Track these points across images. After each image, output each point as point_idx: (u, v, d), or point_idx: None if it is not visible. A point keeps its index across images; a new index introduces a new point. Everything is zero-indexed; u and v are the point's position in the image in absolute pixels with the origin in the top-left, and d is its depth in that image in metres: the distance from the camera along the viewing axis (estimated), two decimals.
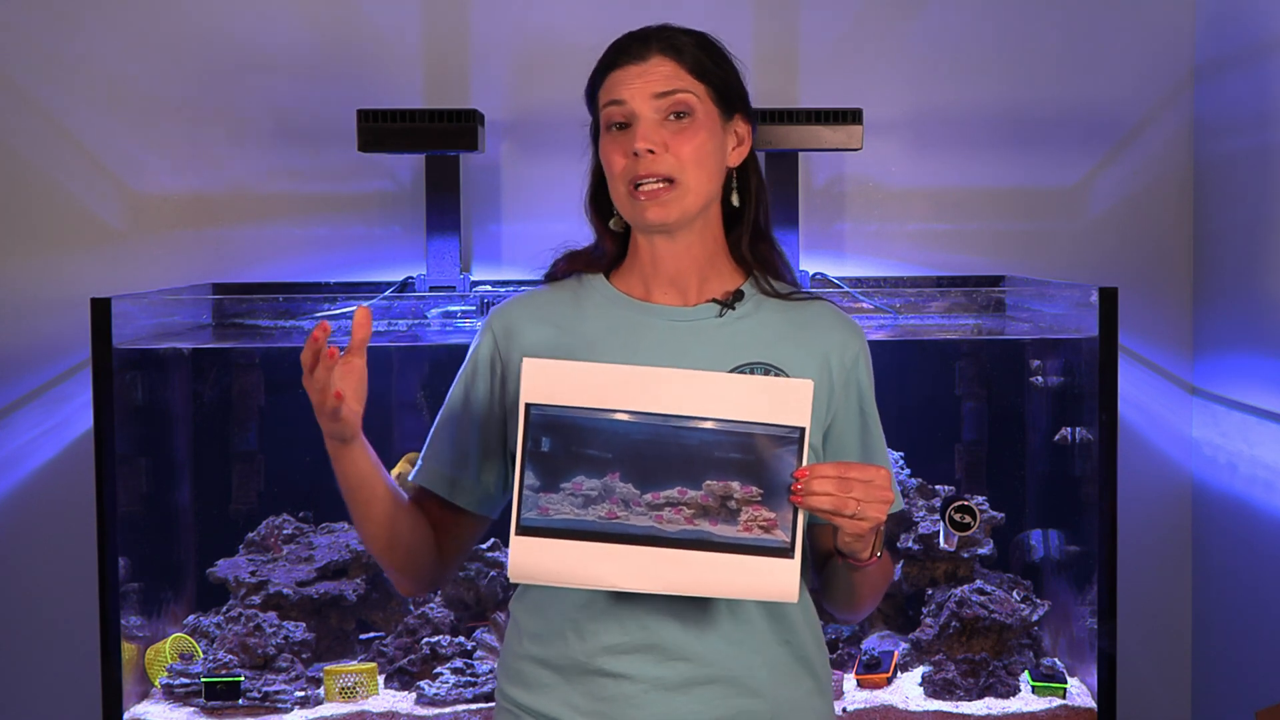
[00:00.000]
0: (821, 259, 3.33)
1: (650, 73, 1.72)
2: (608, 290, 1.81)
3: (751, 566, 1.60)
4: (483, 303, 3.06)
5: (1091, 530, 2.86)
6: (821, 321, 1.81)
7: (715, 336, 1.77)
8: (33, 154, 3.29)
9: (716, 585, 1.61)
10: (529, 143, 3.33)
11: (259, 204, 3.33)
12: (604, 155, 1.76)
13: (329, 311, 3.03)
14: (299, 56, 3.30)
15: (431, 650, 2.97)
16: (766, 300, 1.81)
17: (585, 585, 1.62)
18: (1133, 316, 3.28)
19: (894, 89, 3.36)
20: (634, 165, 1.72)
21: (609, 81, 1.75)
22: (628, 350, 1.75)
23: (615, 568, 1.60)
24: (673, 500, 1.60)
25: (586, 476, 1.60)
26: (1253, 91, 3.09)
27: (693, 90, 1.73)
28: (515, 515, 1.61)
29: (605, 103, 1.75)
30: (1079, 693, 2.94)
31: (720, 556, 1.60)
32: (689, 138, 1.72)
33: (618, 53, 1.75)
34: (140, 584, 2.96)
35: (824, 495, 1.58)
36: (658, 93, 1.72)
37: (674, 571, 1.60)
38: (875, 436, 1.83)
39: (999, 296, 3.16)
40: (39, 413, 3.29)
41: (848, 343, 1.80)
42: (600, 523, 1.60)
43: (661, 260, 1.78)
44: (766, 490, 1.60)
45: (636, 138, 1.71)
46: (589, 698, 1.71)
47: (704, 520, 1.60)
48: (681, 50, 1.74)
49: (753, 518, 1.60)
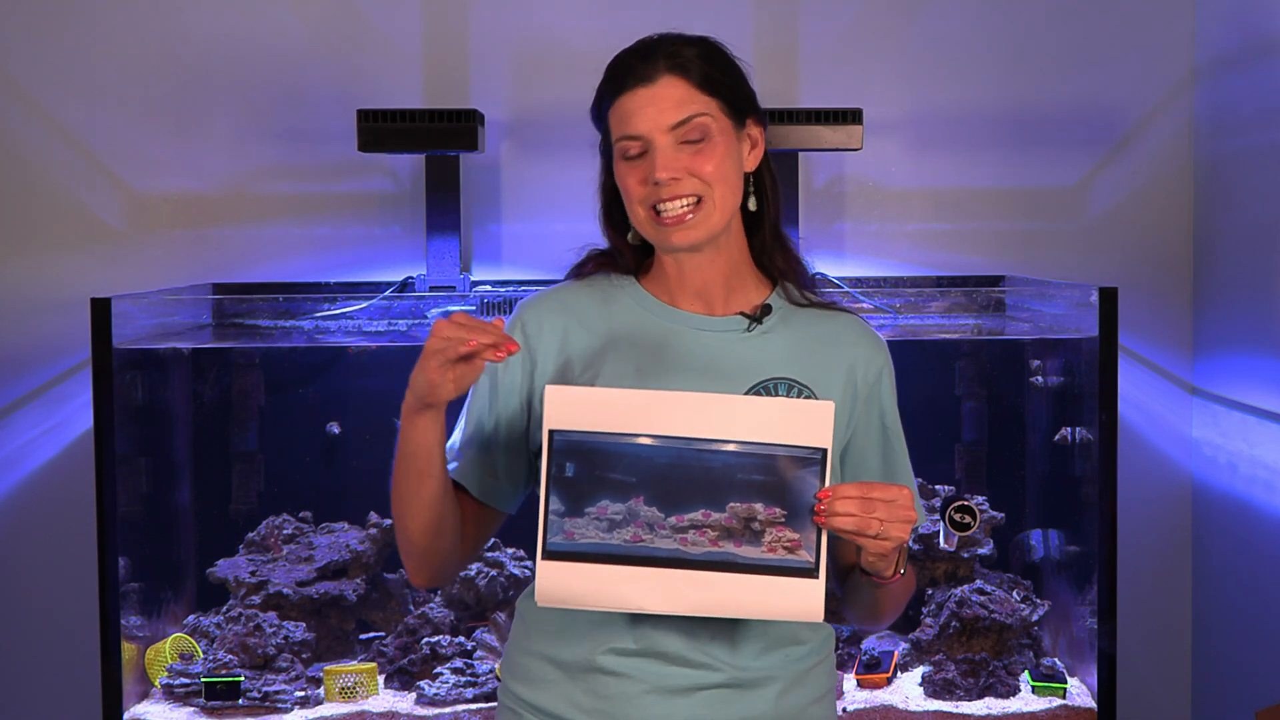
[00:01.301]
0: (821, 259, 3.33)
1: (661, 98, 1.70)
2: (637, 292, 1.80)
3: (776, 587, 1.61)
4: (483, 303, 3.06)
5: (1091, 530, 2.86)
6: (847, 336, 1.80)
7: (741, 351, 1.76)
8: (33, 154, 3.29)
9: (741, 606, 1.62)
10: (529, 143, 3.33)
11: (259, 204, 3.33)
12: (620, 180, 1.74)
13: (329, 311, 3.03)
14: (299, 56, 3.30)
15: (431, 650, 2.97)
16: (793, 312, 1.80)
17: (612, 608, 1.63)
18: (1133, 316, 3.28)
19: (894, 89, 3.36)
20: (654, 191, 1.70)
21: (620, 109, 1.72)
22: (653, 355, 1.74)
23: (641, 590, 1.61)
24: (697, 523, 1.60)
25: (611, 501, 1.61)
26: (1253, 91, 3.09)
27: (705, 110, 1.71)
28: (541, 541, 1.62)
29: (619, 136, 1.72)
30: (1079, 693, 2.94)
31: (745, 577, 1.61)
32: (709, 157, 1.71)
33: (625, 74, 1.72)
34: (140, 584, 2.96)
35: (847, 516, 1.59)
36: (673, 124, 1.70)
37: (699, 593, 1.61)
38: (898, 453, 1.83)
39: (999, 296, 3.16)
40: (39, 413, 3.29)
41: (872, 358, 1.80)
42: (625, 546, 1.61)
43: (688, 275, 1.77)
44: (790, 511, 1.61)
45: (657, 167, 1.69)
46: (591, 696, 1.71)
47: (728, 542, 1.61)
48: (688, 67, 1.72)
49: (777, 539, 1.61)
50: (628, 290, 1.80)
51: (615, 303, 1.79)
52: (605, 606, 1.62)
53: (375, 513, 3.14)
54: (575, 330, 1.77)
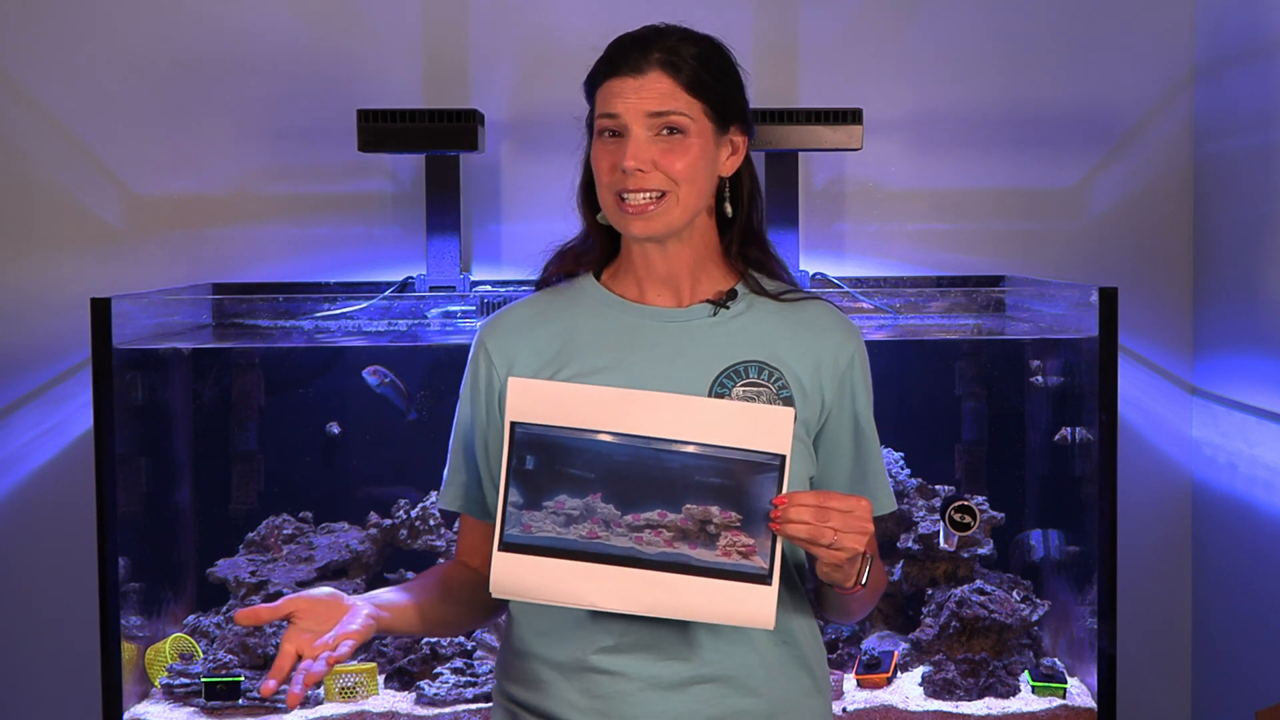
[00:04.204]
0: (821, 259, 3.33)
1: (646, 89, 1.71)
2: (599, 293, 1.82)
3: (729, 591, 1.60)
4: (483, 303, 3.06)
5: (1091, 530, 2.86)
6: (819, 322, 1.80)
7: (709, 336, 1.77)
8: (32, 154, 3.29)
9: (694, 609, 1.61)
10: (529, 143, 3.33)
11: (259, 204, 3.33)
12: (594, 160, 1.76)
13: (329, 311, 3.03)
14: (299, 56, 3.30)
15: (431, 650, 2.97)
16: (759, 300, 1.81)
17: (565, 603, 1.63)
18: (1133, 316, 3.28)
19: (894, 89, 3.36)
20: (622, 179, 1.72)
21: (605, 89, 1.74)
22: (622, 353, 1.75)
23: (595, 587, 1.61)
24: (653, 522, 1.60)
25: (569, 496, 1.61)
26: (1253, 91, 3.09)
27: (687, 111, 1.72)
28: (498, 532, 1.63)
29: (600, 112, 1.75)
30: (1079, 693, 2.94)
31: (698, 580, 1.61)
32: (680, 154, 1.72)
33: (618, 59, 1.74)
34: (140, 584, 2.96)
35: (801, 524, 1.58)
36: (651, 112, 1.71)
37: (652, 593, 1.61)
38: (869, 439, 1.82)
39: (999, 296, 3.16)
40: (39, 413, 3.29)
41: (844, 344, 1.79)
42: (581, 542, 1.61)
43: (653, 263, 1.79)
44: (746, 516, 1.60)
45: (626, 155, 1.70)
46: (587, 695, 1.71)
47: (683, 543, 1.61)
48: (679, 66, 1.72)
49: (731, 543, 1.60)
50: (590, 291, 1.82)
51: (578, 305, 1.81)
52: (558, 601, 1.63)
53: (375, 513, 3.14)
54: (537, 342, 1.79)
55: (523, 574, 1.62)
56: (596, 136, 1.76)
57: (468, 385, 1.83)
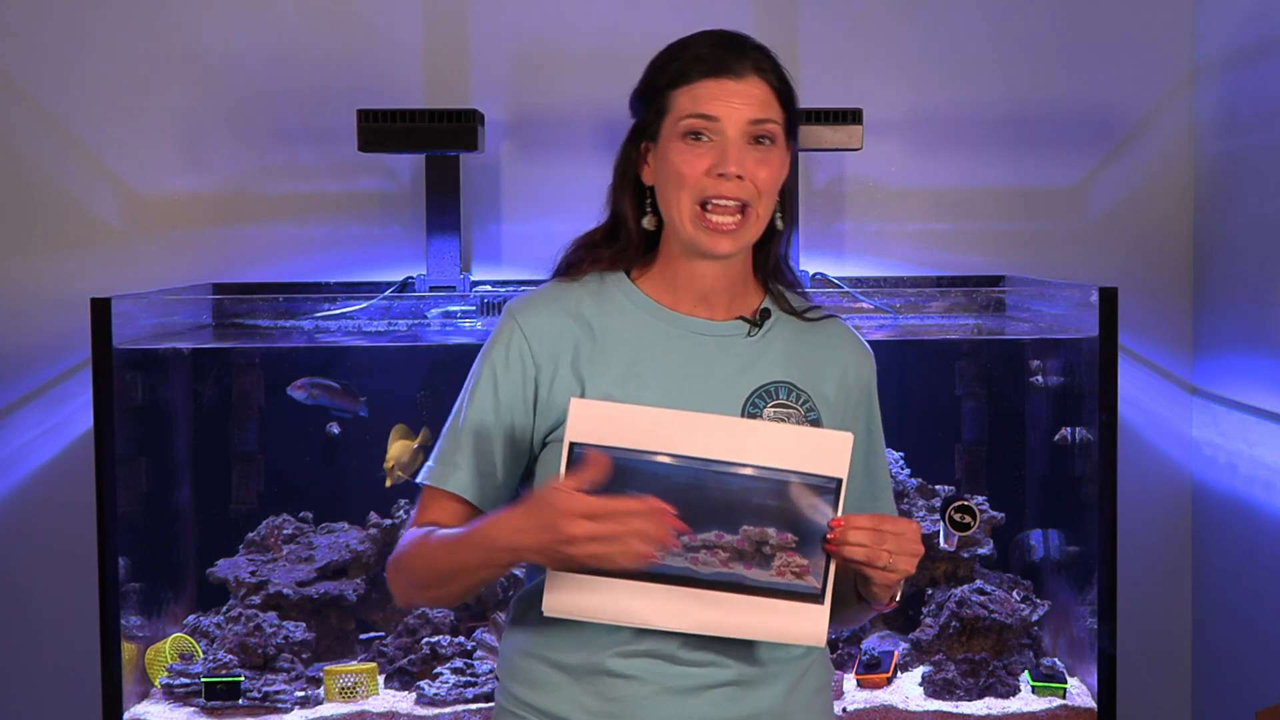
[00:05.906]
0: (821, 259, 3.33)
1: (748, 95, 1.70)
2: (633, 293, 1.78)
3: (782, 610, 1.62)
4: (483, 302, 3.06)
5: (1091, 530, 2.86)
6: (838, 342, 1.82)
7: (741, 353, 1.77)
8: (33, 154, 3.29)
9: (746, 627, 1.63)
10: (529, 143, 3.32)
11: (259, 204, 3.33)
12: (674, 163, 1.71)
13: (329, 311, 3.03)
14: (299, 56, 3.30)
15: (431, 650, 2.97)
16: (784, 317, 1.81)
17: (618, 621, 1.63)
18: (1133, 316, 3.28)
19: (894, 89, 3.36)
20: (716, 184, 1.69)
21: (699, 90, 1.70)
22: (655, 360, 1.74)
23: (649, 606, 1.62)
24: (709, 543, 1.61)
25: None
26: (1253, 91, 3.09)
27: (778, 120, 1.72)
28: None
29: (690, 113, 1.70)
30: (1079, 693, 2.94)
31: (752, 599, 1.62)
32: (769, 165, 1.71)
33: (713, 60, 1.70)
34: (140, 584, 2.97)
35: (859, 546, 1.60)
36: (753, 119, 1.70)
37: (706, 612, 1.62)
38: (879, 454, 1.87)
39: (999, 296, 3.16)
40: (39, 413, 3.29)
41: (863, 364, 1.83)
42: None
43: (699, 277, 1.76)
44: (801, 537, 1.61)
45: (729, 160, 1.68)
46: (599, 698, 1.71)
47: (739, 564, 1.61)
48: (770, 74, 1.72)
49: (786, 563, 1.61)
50: (623, 290, 1.78)
51: (610, 301, 1.77)
52: (611, 619, 1.63)
53: (375, 513, 3.14)
54: (573, 331, 1.75)
55: (577, 592, 1.61)
56: (675, 138, 1.71)
57: (493, 362, 1.75)
